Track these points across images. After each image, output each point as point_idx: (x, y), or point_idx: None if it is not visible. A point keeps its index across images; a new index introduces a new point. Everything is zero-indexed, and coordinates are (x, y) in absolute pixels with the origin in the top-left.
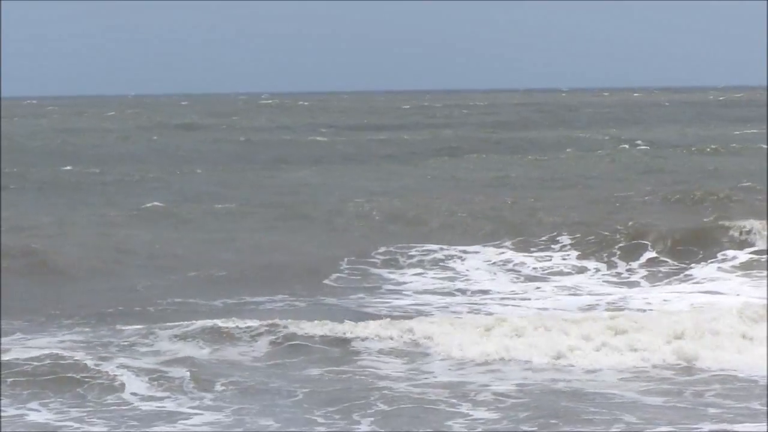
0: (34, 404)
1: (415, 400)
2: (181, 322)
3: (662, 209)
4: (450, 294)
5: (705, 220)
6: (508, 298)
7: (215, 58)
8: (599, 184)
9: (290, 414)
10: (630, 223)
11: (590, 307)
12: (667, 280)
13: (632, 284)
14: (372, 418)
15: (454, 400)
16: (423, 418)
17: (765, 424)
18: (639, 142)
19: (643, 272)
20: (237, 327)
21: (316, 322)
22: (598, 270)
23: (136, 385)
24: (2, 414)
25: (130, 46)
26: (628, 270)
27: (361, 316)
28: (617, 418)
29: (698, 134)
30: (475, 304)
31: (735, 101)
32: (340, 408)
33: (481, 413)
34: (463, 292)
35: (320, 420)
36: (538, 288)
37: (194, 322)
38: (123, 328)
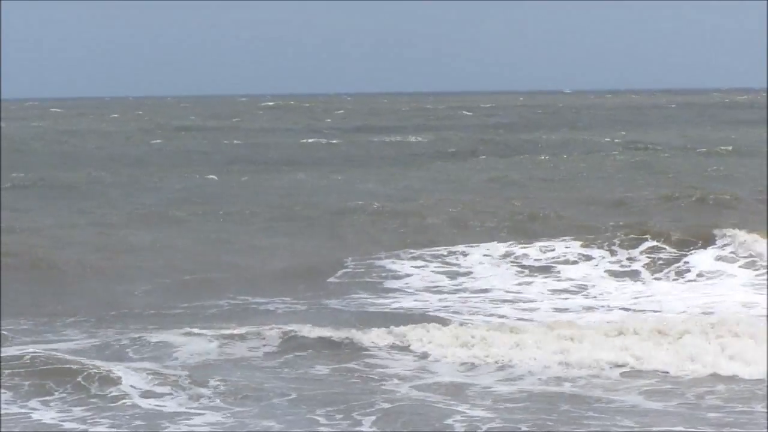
0: (35, 403)
1: (416, 401)
2: (183, 324)
3: (664, 210)
4: (452, 293)
5: (702, 225)
6: (509, 301)
7: (216, 59)
8: (602, 185)
9: (292, 415)
10: (621, 223)
11: (590, 309)
12: (667, 270)
13: (633, 274)
14: (374, 417)
15: (453, 402)
16: (424, 414)
17: (766, 428)
18: (644, 144)
19: (644, 266)
20: (239, 328)
21: (319, 325)
22: (603, 258)
23: (137, 384)
24: (6, 413)
25: (131, 48)
26: (628, 258)
27: (364, 318)
28: (615, 423)
29: (701, 136)
30: (478, 304)
31: (738, 103)
32: (342, 408)
33: (479, 412)
34: (466, 291)
35: (322, 420)
36: (541, 286)
37: (196, 323)
38: (123, 328)
